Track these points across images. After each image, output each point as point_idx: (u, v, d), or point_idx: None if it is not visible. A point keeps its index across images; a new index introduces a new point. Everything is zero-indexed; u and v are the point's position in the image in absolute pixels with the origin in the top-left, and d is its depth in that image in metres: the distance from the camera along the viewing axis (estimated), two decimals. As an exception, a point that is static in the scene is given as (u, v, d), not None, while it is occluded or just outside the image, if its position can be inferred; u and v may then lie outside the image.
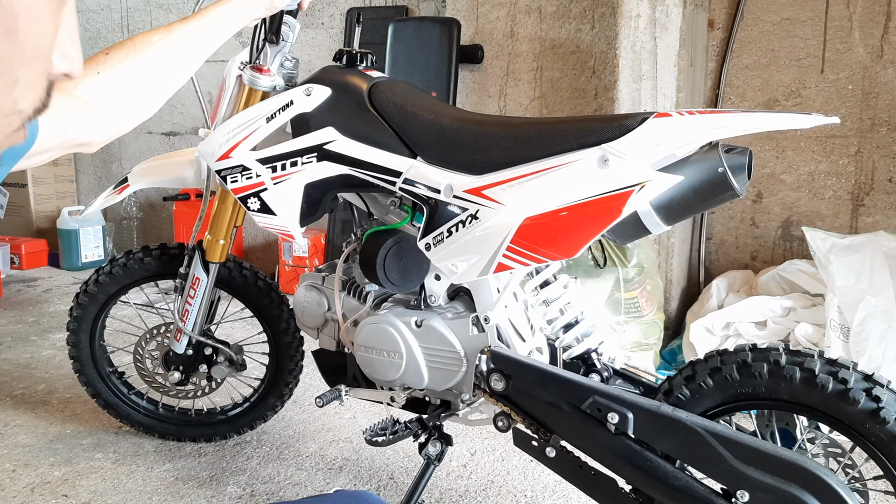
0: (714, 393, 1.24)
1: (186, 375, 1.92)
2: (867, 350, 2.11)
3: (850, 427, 1.15)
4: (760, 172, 2.88)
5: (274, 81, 1.56)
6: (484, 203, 1.30)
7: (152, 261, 1.90)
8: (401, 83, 1.50)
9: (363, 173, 1.42)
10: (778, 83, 2.85)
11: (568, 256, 1.26)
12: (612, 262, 2.36)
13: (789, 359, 1.18)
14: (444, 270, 1.39)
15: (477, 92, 2.78)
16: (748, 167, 1.20)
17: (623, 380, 1.44)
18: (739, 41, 2.88)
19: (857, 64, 2.72)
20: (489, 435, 2.07)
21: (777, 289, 2.60)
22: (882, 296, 2.20)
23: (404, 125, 1.39)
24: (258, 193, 1.49)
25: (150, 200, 4.50)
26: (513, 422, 1.40)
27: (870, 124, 2.73)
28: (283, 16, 1.51)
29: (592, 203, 1.21)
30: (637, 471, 1.24)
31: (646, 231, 1.25)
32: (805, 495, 1.11)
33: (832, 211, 2.81)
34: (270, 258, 4.00)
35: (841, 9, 2.72)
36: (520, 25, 2.65)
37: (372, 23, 3.34)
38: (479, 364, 1.39)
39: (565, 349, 1.46)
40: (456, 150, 1.35)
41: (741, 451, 1.15)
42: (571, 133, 1.25)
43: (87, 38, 4.43)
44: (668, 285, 2.72)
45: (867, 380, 1.14)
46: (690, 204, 1.21)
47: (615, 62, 2.48)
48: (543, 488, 1.82)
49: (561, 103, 2.62)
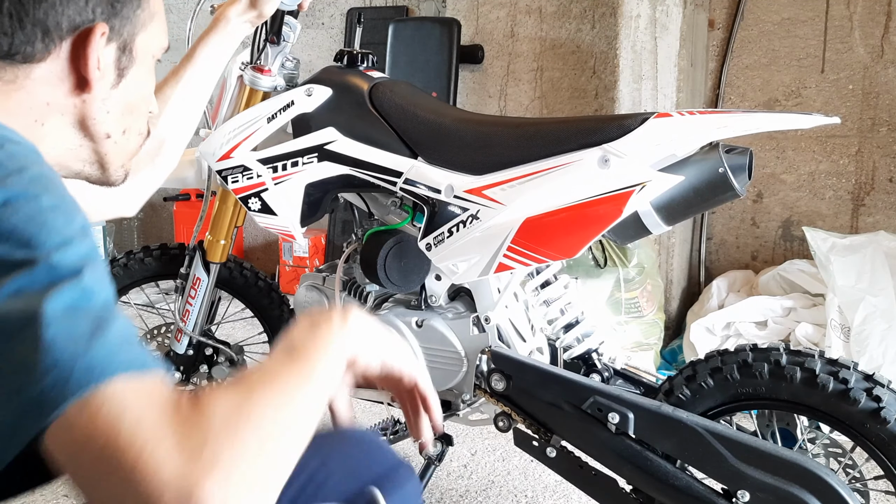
0: (714, 393, 1.24)
1: (187, 376, 1.92)
2: (868, 350, 2.11)
3: (850, 427, 1.15)
4: (761, 172, 2.88)
5: (275, 82, 1.56)
6: (485, 203, 1.30)
7: (153, 261, 1.90)
8: (401, 83, 1.50)
9: (364, 173, 1.42)
10: (778, 83, 2.85)
11: (568, 256, 1.26)
12: (613, 262, 2.36)
13: (790, 359, 1.18)
14: (445, 270, 1.39)
15: (477, 92, 2.78)
16: (749, 167, 1.20)
17: (623, 380, 1.44)
18: (740, 41, 2.88)
19: (857, 64, 2.72)
20: (490, 435, 2.07)
21: (777, 289, 2.60)
22: (882, 296, 2.20)
23: (405, 125, 1.39)
24: (259, 193, 1.49)
25: (151, 200, 4.47)
26: (513, 422, 1.40)
27: (870, 124, 2.73)
28: (284, 16, 1.51)
29: (593, 203, 1.21)
30: (637, 471, 1.24)
31: (646, 231, 1.25)
32: (806, 495, 1.11)
33: (833, 211, 2.81)
34: (271, 258, 4.00)
35: (841, 8, 2.72)
36: (520, 25, 2.65)
37: (372, 23, 3.34)
38: (480, 364, 1.39)
39: (566, 349, 1.46)
40: (456, 151, 1.35)
41: (742, 451, 1.15)
42: (572, 133, 1.25)
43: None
44: (668, 285, 2.72)
45: (868, 380, 1.14)
46: (691, 204, 1.21)
47: (615, 62, 2.49)
48: (544, 488, 1.82)
49: (561, 103, 2.62)
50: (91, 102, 0.73)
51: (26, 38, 0.67)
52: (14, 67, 0.68)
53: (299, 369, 0.60)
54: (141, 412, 0.49)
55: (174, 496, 0.46)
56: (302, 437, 0.56)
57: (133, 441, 0.47)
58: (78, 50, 0.70)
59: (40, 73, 0.69)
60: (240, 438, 0.50)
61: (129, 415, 0.48)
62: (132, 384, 0.50)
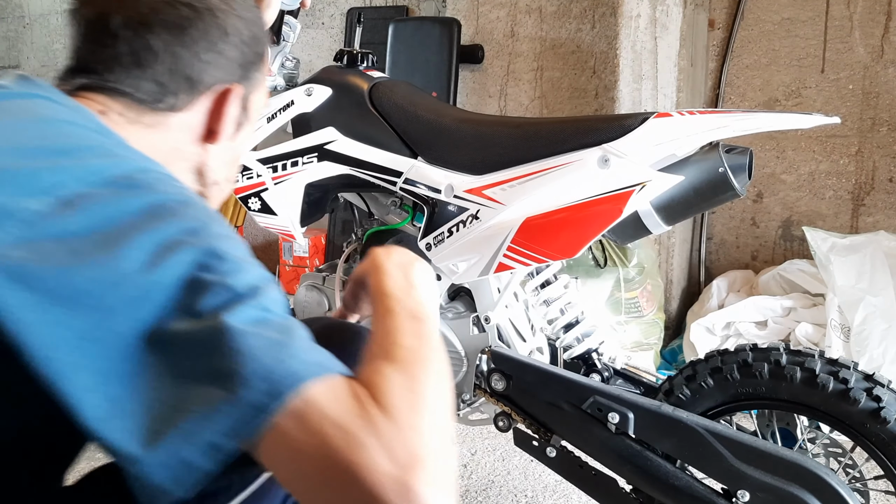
0: (714, 393, 1.24)
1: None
2: (868, 350, 2.11)
3: (850, 427, 1.15)
4: (761, 172, 2.88)
5: (275, 82, 1.56)
6: (484, 203, 1.30)
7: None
8: (401, 83, 1.50)
9: (364, 173, 1.42)
10: (778, 83, 2.85)
11: (568, 256, 1.26)
12: (613, 262, 2.36)
13: (790, 359, 1.18)
14: (445, 270, 1.39)
15: (477, 92, 2.78)
16: (749, 167, 1.20)
17: (623, 380, 1.44)
18: (740, 41, 2.88)
19: (857, 64, 2.72)
20: (489, 435, 2.07)
21: (777, 289, 2.60)
22: (882, 295, 2.20)
23: (405, 125, 1.39)
24: (259, 193, 1.49)
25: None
26: (513, 422, 1.40)
27: (870, 124, 2.73)
28: (284, 16, 1.51)
29: (593, 203, 1.21)
30: (637, 470, 1.24)
31: (646, 231, 1.26)
32: (806, 495, 1.11)
33: (833, 211, 2.81)
34: (271, 258, 4.00)
35: (841, 8, 2.72)
36: (520, 25, 2.65)
37: (372, 23, 3.34)
38: (480, 364, 1.39)
39: (566, 349, 1.46)
40: (456, 151, 1.35)
41: (742, 451, 1.15)
42: (572, 133, 1.25)
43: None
44: (668, 285, 2.72)
45: (868, 380, 1.14)
46: (691, 204, 1.21)
47: (615, 62, 2.49)
48: (544, 488, 1.82)
49: (561, 103, 2.62)
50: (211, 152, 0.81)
51: (176, 91, 0.75)
52: (157, 114, 0.75)
53: (430, 338, 0.65)
54: (341, 414, 0.52)
55: (394, 492, 0.49)
56: (452, 403, 0.61)
57: (343, 443, 0.50)
58: (215, 105, 0.79)
59: (177, 121, 0.77)
60: (424, 424, 0.53)
61: (332, 417, 0.51)
62: (326, 386, 0.53)
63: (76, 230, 0.55)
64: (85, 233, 0.55)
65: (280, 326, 0.55)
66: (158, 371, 0.52)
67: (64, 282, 0.53)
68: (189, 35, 0.74)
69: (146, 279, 0.54)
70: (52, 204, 0.55)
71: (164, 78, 0.74)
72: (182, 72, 0.75)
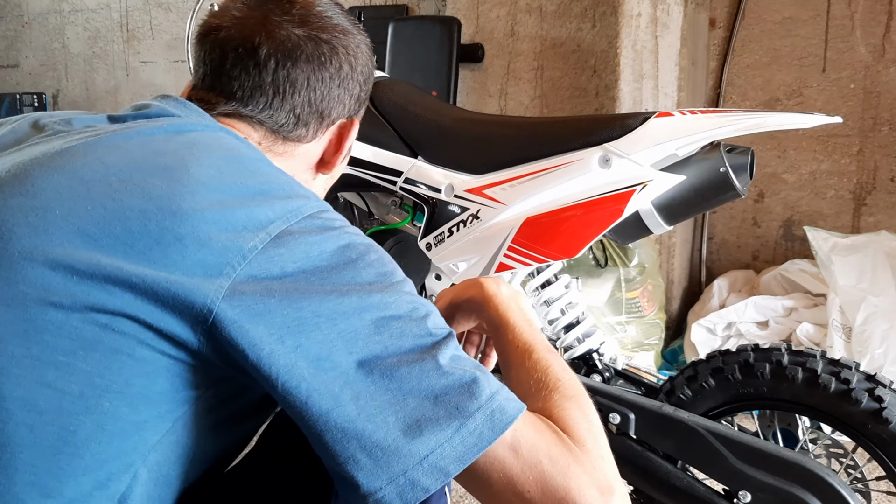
0: (716, 393, 1.24)
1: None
2: (869, 350, 2.11)
3: (852, 427, 1.15)
4: (762, 172, 2.88)
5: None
6: (485, 203, 1.30)
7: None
8: (401, 83, 1.50)
9: (364, 173, 1.41)
10: (779, 82, 2.84)
11: (569, 256, 1.26)
12: (613, 262, 2.36)
13: (791, 359, 1.18)
14: (445, 270, 1.38)
15: (477, 91, 2.77)
16: (750, 167, 1.19)
17: (624, 380, 1.44)
18: (741, 40, 2.87)
19: (858, 63, 2.71)
20: (490, 435, 2.06)
21: (779, 288, 2.60)
22: (884, 295, 2.20)
23: (405, 124, 1.39)
24: (258, 193, 1.49)
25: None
26: (514, 422, 1.39)
27: (871, 123, 2.72)
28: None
29: (594, 203, 1.21)
30: (638, 471, 1.23)
31: (647, 231, 1.25)
32: (807, 496, 1.11)
33: (834, 210, 2.80)
34: (271, 258, 4.00)
35: (842, 8, 2.71)
36: (520, 24, 2.65)
37: (372, 22, 3.33)
38: (480, 364, 1.38)
39: (566, 349, 1.46)
40: (457, 150, 1.35)
41: (743, 452, 1.15)
42: (573, 133, 1.25)
43: (86, 38, 4.43)
44: (669, 285, 2.72)
45: (869, 380, 1.14)
46: (692, 204, 1.21)
47: (616, 61, 2.48)
48: (544, 488, 1.81)
49: (562, 103, 2.62)
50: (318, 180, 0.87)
51: (307, 122, 0.80)
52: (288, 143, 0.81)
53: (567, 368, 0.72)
54: (549, 446, 0.58)
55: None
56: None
57: (556, 472, 0.57)
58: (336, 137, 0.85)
59: (302, 150, 0.83)
60: (606, 452, 0.61)
61: (543, 448, 0.58)
62: (528, 419, 0.60)
63: (292, 271, 0.60)
64: (298, 273, 0.60)
65: (472, 363, 0.62)
66: (388, 398, 0.58)
67: (294, 315, 0.58)
68: (326, 70, 0.78)
69: (358, 320, 0.60)
70: (265, 240, 0.60)
71: (300, 110, 0.78)
72: (316, 105, 0.79)
